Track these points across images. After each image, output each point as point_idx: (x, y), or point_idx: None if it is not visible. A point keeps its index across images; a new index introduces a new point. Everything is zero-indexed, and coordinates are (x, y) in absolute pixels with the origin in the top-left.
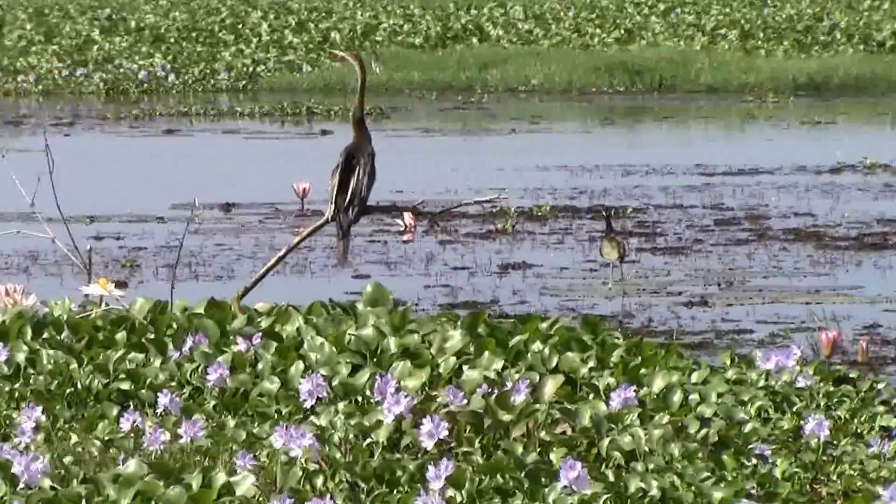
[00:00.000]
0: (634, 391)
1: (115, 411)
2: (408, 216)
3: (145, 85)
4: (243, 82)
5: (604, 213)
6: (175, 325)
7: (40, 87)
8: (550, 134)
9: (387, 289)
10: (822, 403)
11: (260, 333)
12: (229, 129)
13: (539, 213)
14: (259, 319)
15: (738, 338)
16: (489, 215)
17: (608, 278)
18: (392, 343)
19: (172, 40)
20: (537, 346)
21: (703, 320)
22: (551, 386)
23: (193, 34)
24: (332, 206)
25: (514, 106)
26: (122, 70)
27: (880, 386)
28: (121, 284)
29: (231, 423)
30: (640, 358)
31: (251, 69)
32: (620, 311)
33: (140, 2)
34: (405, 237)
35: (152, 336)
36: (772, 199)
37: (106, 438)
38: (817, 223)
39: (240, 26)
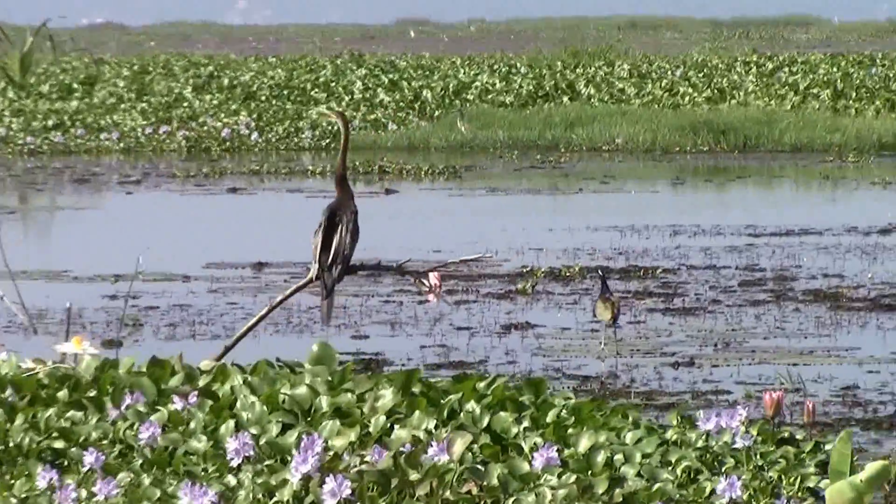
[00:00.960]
0: (559, 451)
1: (39, 469)
2: (433, 276)
3: (227, 143)
4: (327, 141)
5: (599, 274)
6: (118, 384)
7: (121, 144)
8: (616, 194)
9: (332, 348)
10: (756, 464)
11: (195, 392)
12: (295, 188)
13: (567, 274)
14: (199, 378)
15: (712, 398)
16: (517, 276)
17: (607, 339)
18: (325, 402)
19: (263, 98)
20: (471, 405)
21: (684, 381)
22: (460, 444)
23: (285, 92)
24: (316, 264)
25: (592, 165)
26: (205, 128)
27: (827, 447)
28: (114, 343)
29: (147, 481)
30: (573, 418)
31: (334, 128)
32: (605, 372)
33: (246, 61)
34: (430, 298)
35: (93, 394)
36: (804, 260)
37: (22, 496)
38: (841, 284)
39: (333, 84)
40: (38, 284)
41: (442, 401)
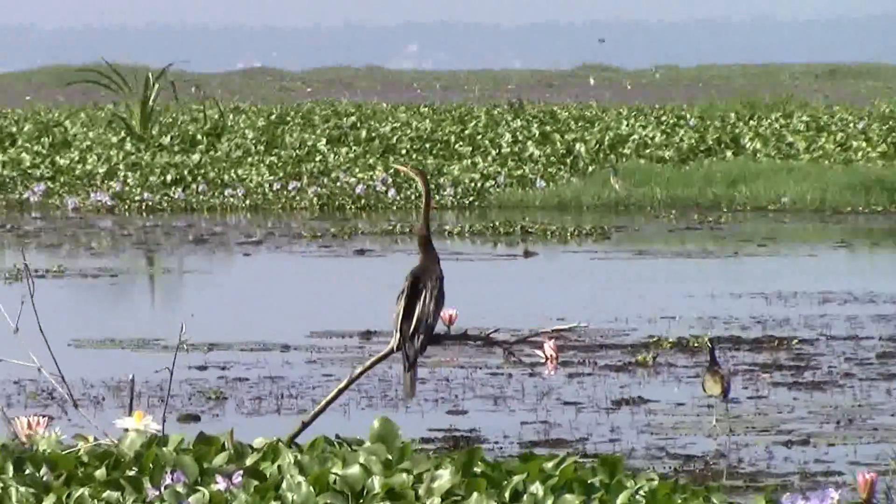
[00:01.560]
0: None
1: None
2: (548, 346)
3: (363, 200)
4: (470, 199)
5: (709, 345)
6: (159, 462)
7: (247, 201)
8: (773, 258)
9: (395, 424)
10: None
11: (241, 472)
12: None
13: (695, 345)
14: (247, 456)
15: (823, 480)
16: (641, 346)
17: (719, 416)
18: (377, 483)
19: (403, 151)
20: (536, 487)
21: (795, 461)
22: None
23: (427, 145)
24: (398, 334)
25: (754, 226)
26: (338, 183)
27: None
28: (190, 418)
29: None
30: (645, 501)
31: (479, 184)
32: (711, 451)
33: (396, 110)
34: (547, 370)
35: (132, 473)
36: None
37: None
38: None
39: (479, 137)
40: (124, 353)
41: (504, 482)
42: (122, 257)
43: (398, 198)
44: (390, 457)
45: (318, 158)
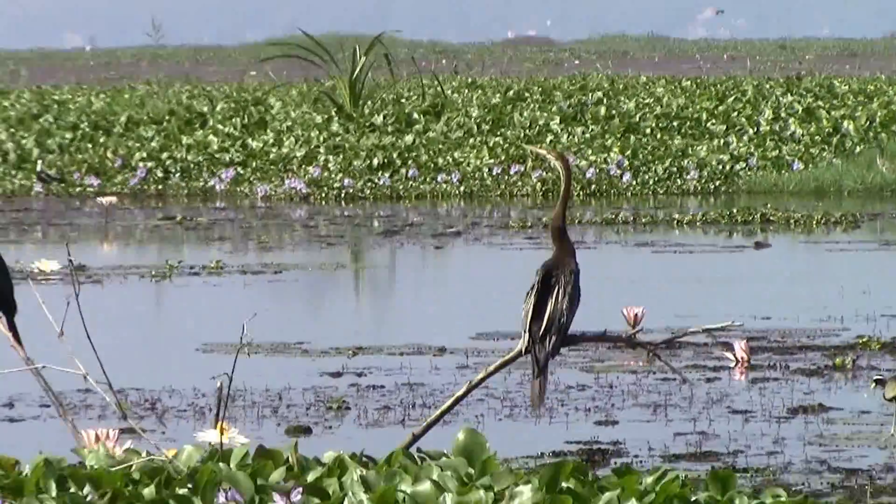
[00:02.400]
0: None
1: None
2: (739, 347)
3: (593, 185)
4: (716, 183)
5: None
6: (212, 479)
7: (462, 188)
8: None
9: (483, 436)
10: None
11: (300, 489)
12: (642, 242)
13: None
14: (310, 472)
15: None
16: (846, 348)
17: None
18: (449, 501)
19: (647, 131)
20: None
21: None
22: None
23: (675, 123)
24: (526, 335)
25: None
26: None
27: None
28: (300, 430)
29: None
30: None
31: (728, 167)
32: (880, 464)
33: (655, 84)
34: (736, 373)
35: (184, 491)
36: None
37: None
38: None
39: (735, 114)
40: (254, 360)
41: (593, 500)
42: (295, 252)
43: (634, 182)
44: (472, 471)
45: (549, 139)
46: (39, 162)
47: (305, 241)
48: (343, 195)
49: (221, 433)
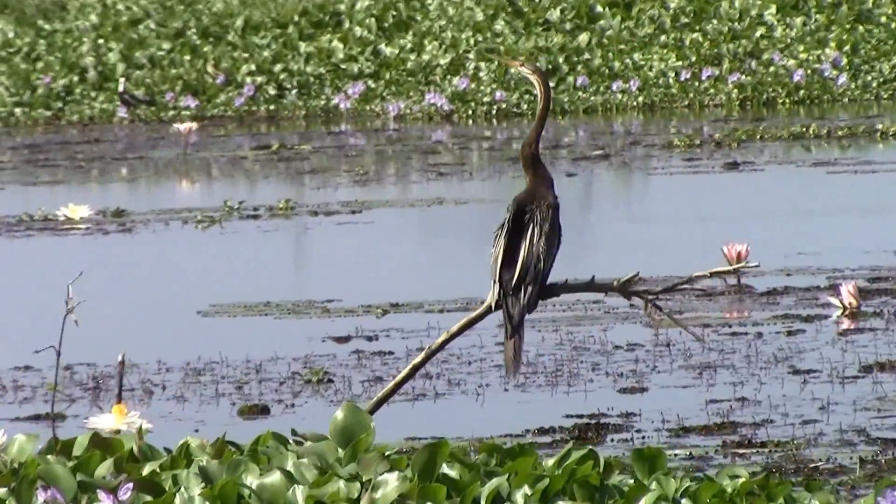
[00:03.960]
0: None
1: None
2: (846, 291)
3: (801, 91)
4: None
5: None
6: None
7: (641, 98)
8: None
9: (365, 413)
10: None
11: (131, 484)
12: (822, 161)
13: None
14: (144, 464)
15: None
16: None
17: None
18: (300, 495)
19: (883, 19)
20: (522, 493)
21: None
22: None
23: None
24: (496, 286)
25: None
26: (771, 69)
27: None
28: (258, 411)
29: None
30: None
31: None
32: None
33: None
34: (833, 323)
35: (4, 490)
36: None
37: None
38: None
39: None
40: (259, 322)
41: (472, 488)
42: (398, 185)
43: (852, 86)
44: (342, 456)
45: (757, 33)
46: (122, 80)
47: (418, 170)
48: (494, 112)
49: (120, 416)
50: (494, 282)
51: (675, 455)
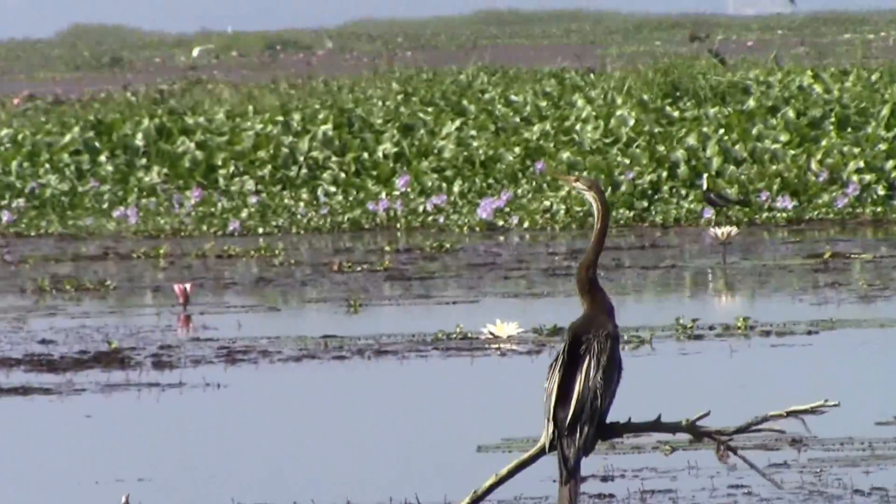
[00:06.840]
0: None
1: None
2: None
3: None
4: None
5: None
6: None
7: None
8: None
9: None
10: None
11: None
12: None
13: None
14: None
15: None
16: None
17: None
18: None
19: None
20: None
21: None
22: None
23: None
24: (550, 425)
25: None
26: None
27: None
28: None
29: None
30: None
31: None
32: None
33: None
34: None
35: None
36: None
37: None
38: None
39: None
40: None
41: None
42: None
43: None
44: None
45: None
46: (705, 176)
47: None
48: None
49: None
50: (549, 420)
51: None
